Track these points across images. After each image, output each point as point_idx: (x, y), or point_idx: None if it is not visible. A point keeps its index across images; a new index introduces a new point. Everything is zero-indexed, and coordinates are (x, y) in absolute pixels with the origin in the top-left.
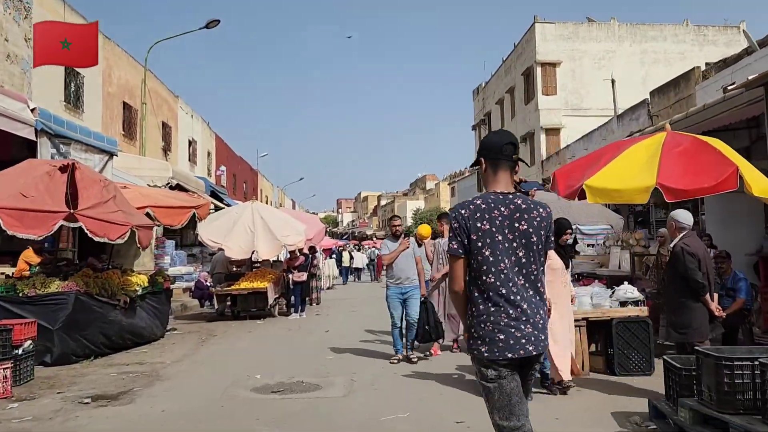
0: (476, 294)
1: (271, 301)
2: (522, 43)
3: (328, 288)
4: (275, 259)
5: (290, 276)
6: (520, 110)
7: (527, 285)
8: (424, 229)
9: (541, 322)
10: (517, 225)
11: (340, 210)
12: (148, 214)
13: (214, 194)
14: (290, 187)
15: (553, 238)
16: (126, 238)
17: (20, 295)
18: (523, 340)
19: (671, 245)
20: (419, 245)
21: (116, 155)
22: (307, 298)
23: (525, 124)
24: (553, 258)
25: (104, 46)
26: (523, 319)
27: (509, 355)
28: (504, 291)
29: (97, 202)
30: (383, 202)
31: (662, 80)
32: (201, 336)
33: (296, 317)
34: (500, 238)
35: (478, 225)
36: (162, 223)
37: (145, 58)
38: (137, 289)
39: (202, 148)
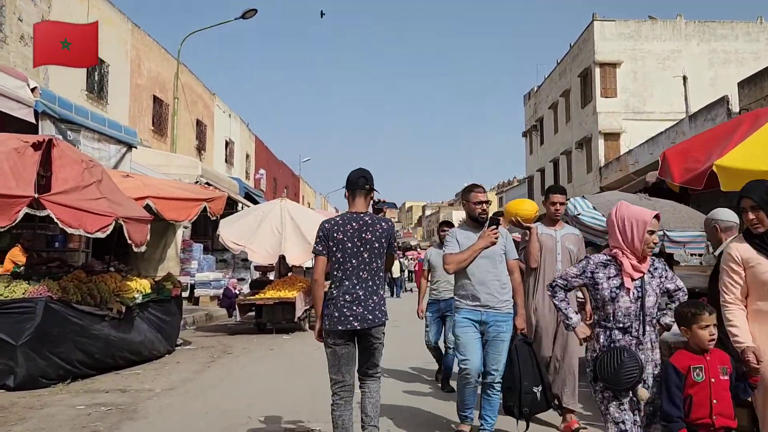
0: (330, 284)
1: (299, 312)
2: (579, 42)
3: None
4: (310, 265)
5: None
6: (575, 114)
7: (368, 277)
8: (528, 206)
9: (372, 304)
10: (363, 235)
11: None
12: (147, 207)
13: (248, 196)
14: (333, 195)
15: (395, 244)
16: (108, 232)
17: None
18: (351, 318)
19: (716, 252)
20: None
21: (135, 147)
22: None
23: (581, 129)
24: (749, 256)
25: (133, 34)
26: (356, 302)
27: (339, 328)
28: (346, 282)
29: (73, 186)
30: (428, 212)
31: (734, 81)
32: (213, 353)
33: None
34: (350, 245)
35: (335, 235)
36: (165, 218)
37: (178, 50)
38: (136, 296)
39: (240, 149)
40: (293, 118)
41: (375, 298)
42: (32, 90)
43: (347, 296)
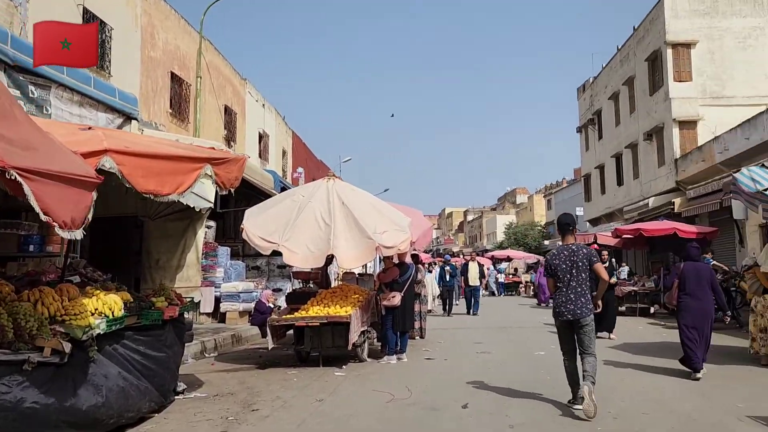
0: (555, 292)
1: (355, 336)
2: (645, 23)
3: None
4: (362, 270)
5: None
6: (642, 103)
7: (575, 285)
8: None
9: (580, 304)
10: (572, 258)
11: None
12: (102, 171)
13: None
14: None
15: (595, 260)
16: None
17: None
18: (564, 311)
19: None
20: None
21: (135, 119)
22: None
23: (650, 119)
24: None
25: None
26: (567, 302)
27: (560, 319)
28: (564, 289)
29: None
30: (470, 218)
31: None
32: (228, 410)
33: (393, 362)
34: (564, 266)
35: (555, 261)
36: (136, 187)
37: (201, 21)
38: (94, 324)
39: (276, 144)
40: (331, 114)
41: (582, 299)
42: None
43: (563, 298)
